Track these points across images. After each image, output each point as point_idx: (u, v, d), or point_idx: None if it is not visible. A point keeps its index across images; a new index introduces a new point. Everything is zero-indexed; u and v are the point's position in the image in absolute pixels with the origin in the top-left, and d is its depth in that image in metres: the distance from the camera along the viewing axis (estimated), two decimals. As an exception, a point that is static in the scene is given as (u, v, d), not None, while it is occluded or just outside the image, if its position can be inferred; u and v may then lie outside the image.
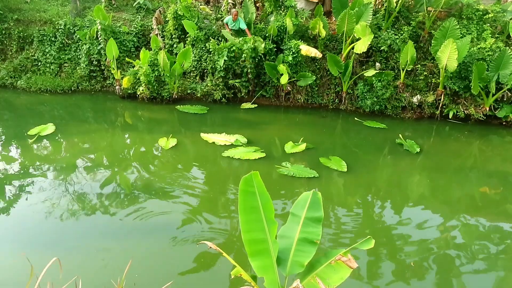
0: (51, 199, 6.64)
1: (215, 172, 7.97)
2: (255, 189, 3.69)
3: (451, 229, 6.36)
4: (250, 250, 3.71)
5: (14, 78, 12.49)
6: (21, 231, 5.92)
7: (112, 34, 11.94)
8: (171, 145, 8.66)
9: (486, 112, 10.60)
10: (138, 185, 7.20)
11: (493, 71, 10.34)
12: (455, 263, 5.56)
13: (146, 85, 11.06)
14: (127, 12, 13.51)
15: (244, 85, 11.31)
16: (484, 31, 11.05)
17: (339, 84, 11.39)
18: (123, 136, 9.75)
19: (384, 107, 10.99)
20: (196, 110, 10.88)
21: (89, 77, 12.34)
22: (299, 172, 7.62)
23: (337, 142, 9.92)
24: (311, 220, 3.92)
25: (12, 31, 12.64)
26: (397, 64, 10.94)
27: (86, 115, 10.85)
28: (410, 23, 11.15)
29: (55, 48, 12.45)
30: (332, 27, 11.79)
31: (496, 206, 7.16)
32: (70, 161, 8.13)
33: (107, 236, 5.87)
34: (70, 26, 12.43)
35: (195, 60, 11.45)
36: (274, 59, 11.16)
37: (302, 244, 3.82)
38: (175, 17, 11.70)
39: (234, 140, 8.86)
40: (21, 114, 10.76)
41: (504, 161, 9.11)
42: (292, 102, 11.62)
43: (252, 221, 3.74)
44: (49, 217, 6.22)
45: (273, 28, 10.95)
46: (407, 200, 7.26)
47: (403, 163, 8.63)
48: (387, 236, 6.11)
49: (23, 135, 9.08)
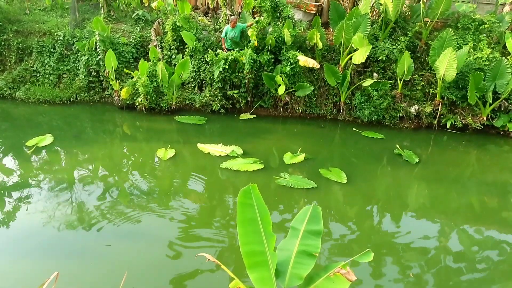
0: (48, 210, 6.60)
1: (214, 184, 7.95)
2: (253, 201, 3.69)
3: (451, 239, 6.34)
4: (248, 262, 3.69)
5: (13, 89, 12.51)
6: (19, 242, 5.87)
7: (111, 45, 12.00)
8: (169, 156, 8.65)
9: (483, 121, 10.65)
10: (136, 196, 7.17)
11: (490, 80, 10.42)
12: (454, 273, 5.53)
13: (145, 96, 11.09)
14: (126, 23, 13.61)
15: (242, 96, 11.35)
16: (481, 41, 11.17)
17: (337, 94, 11.44)
18: (121, 146, 9.74)
19: (382, 117, 11.02)
20: (195, 121, 10.90)
21: (88, 88, 12.37)
22: (297, 183, 7.60)
23: (336, 153, 9.92)
24: (310, 233, 3.91)
25: (11, 42, 12.70)
26: (395, 74, 11.02)
27: (85, 125, 10.85)
28: (407, 33, 11.24)
29: (54, 59, 12.50)
30: (329, 38, 11.89)
31: (495, 215, 7.15)
32: (68, 172, 8.11)
33: (104, 247, 5.83)
34: (69, 37, 12.51)
35: (193, 71, 11.50)
36: (272, 69, 11.22)
37: (301, 256, 3.81)
38: (174, 29, 11.79)
39: (230, 151, 8.85)
40: (19, 125, 10.75)
41: (502, 171, 9.13)
42: (290, 113, 11.65)
43: (250, 233, 3.73)
44: (47, 227, 6.17)
45: (271, 39, 11.02)
46: (407, 210, 7.24)
47: (401, 173, 8.63)
48: (387, 247, 6.08)
49: (21, 146, 9.06)
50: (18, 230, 6.20)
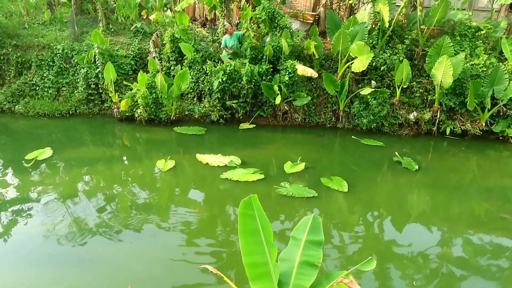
0: (48, 223, 6.57)
1: (214, 194, 7.92)
2: (255, 212, 3.68)
3: (453, 246, 6.31)
4: (251, 273, 3.67)
5: (12, 103, 12.53)
6: (20, 255, 5.84)
7: (110, 57, 12.06)
8: (169, 167, 8.63)
9: (482, 127, 10.67)
10: (136, 208, 7.15)
11: (488, 86, 10.46)
12: (458, 280, 5.49)
13: (144, 108, 11.11)
14: (124, 36, 13.69)
15: (241, 106, 11.38)
16: (477, 48, 11.24)
17: (336, 102, 11.47)
18: (121, 158, 9.73)
19: (381, 124, 11.04)
20: (194, 131, 10.90)
21: (87, 100, 12.40)
22: (298, 192, 7.58)
23: (336, 161, 9.92)
24: (311, 243, 3.89)
25: (10, 57, 12.76)
26: (393, 82, 11.06)
27: (84, 138, 10.85)
28: (404, 41, 11.31)
29: (53, 73, 12.54)
30: (327, 47, 11.96)
31: (497, 221, 7.12)
32: (67, 184, 8.08)
33: (106, 259, 5.79)
34: (68, 51, 12.57)
35: (192, 82, 11.55)
36: (270, 79, 11.26)
37: (303, 267, 3.79)
38: (172, 40, 11.87)
39: (229, 162, 8.81)
40: (18, 139, 10.75)
41: (502, 176, 9.12)
42: (289, 122, 11.67)
43: (252, 243, 3.72)
44: (47, 241, 6.14)
45: (269, 49, 11.09)
46: (408, 218, 7.21)
47: (402, 181, 8.61)
48: (389, 255, 6.05)
49: (21, 159, 9.05)
50: (18, 243, 6.16)
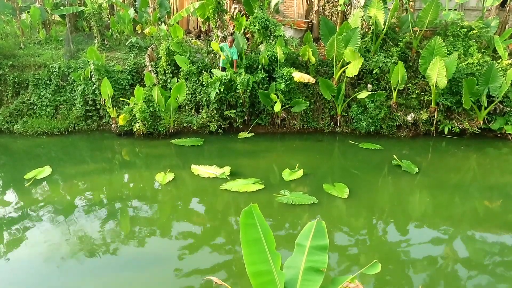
0: (49, 242, 6.52)
1: (215, 205, 7.89)
2: (256, 221, 3.67)
3: (458, 246, 6.28)
4: (255, 283, 3.65)
5: (11, 123, 12.54)
6: (21, 274, 5.79)
7: (106, 73, 12.11)
8: (168, 180, 8.61)
9: (480, 125, 10.70)
10: (137, 222, 7.11)
11: (483, 85, 10.52)
12: (463, 281, 5.46)
13: (142, 121, 11.13)
14: (120, 51, 13.76)
15: (239, 115, 11.40)
16: (470, 47, 11.32)
17: (333, 107, 11.51)
18: (121, 173, 9.72)
19: (379, 127, 11.07)
20: (192, 143, 10.90)
21: (85, 117, 12.42)
22: (298, 199, 7.53)
23: (335, 166, 9.91)
24: (316, 249, 3.87)
25: (7, 77, 12.79)
26: (389, 84, 11.11)
27: (83, 154, 10.84)
28: (398, 44, 11.39)
29: (50, 91, 12.57)
30: (322, 52, 12.04)
31: (500, 219, 7.11)
32: (67, 202, 8.04)
33: (108, 275, 5.75)
34: (64, 69, 12.62)
35: (189, 94, 11.58)
36: (267, 87, 11.31)
37: (308, 273, 3.76)
38: (168, 53, 11.93)
39: (220, 174, 8.66)
40: (18, 158, 10.74)
41: (503, 173, 9.12)
42: (288, 128, 11.69)
43: (255, 253, 3.70)
44: (49, 259, 6.09)
45: (264, 57, 11.15)
46: (411, 220, 7.19)
47: (403, 183, 8.60)
48: (394, 258, 6.02)
49: (20, 179, 9.01)
50: (19, 262, 6.12)
